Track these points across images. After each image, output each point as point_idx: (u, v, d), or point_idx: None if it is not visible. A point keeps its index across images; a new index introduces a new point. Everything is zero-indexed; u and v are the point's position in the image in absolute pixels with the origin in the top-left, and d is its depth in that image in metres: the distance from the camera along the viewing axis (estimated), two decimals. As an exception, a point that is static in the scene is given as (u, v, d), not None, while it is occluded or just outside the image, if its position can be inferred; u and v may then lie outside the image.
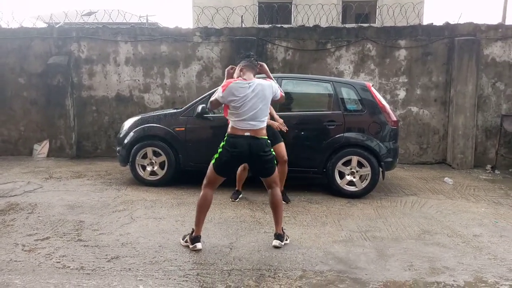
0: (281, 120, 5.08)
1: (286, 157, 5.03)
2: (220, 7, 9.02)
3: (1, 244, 3.74)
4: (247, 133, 3.56)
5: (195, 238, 3.67)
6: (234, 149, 3.55)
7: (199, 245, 3.65)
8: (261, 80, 3.69)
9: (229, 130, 3.65)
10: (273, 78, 3.95)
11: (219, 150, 3.63)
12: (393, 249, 3.79)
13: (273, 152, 3.77)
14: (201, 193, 3.69)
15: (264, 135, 3.65)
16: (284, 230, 3.88)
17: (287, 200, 5.20)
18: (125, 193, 5.58)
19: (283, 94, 3.88)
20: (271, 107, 4.97)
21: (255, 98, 3.55)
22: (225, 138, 3.65)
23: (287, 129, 5.10)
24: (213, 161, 3.66)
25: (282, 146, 5.02)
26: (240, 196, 5.35)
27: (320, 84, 5.95)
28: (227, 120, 3.74)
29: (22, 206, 4.90)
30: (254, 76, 3.70)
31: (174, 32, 8.28)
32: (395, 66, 8.05)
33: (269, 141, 3.72)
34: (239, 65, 3.75)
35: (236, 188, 5.35)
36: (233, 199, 5.27)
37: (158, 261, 3.43)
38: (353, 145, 5.52)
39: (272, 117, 5.02)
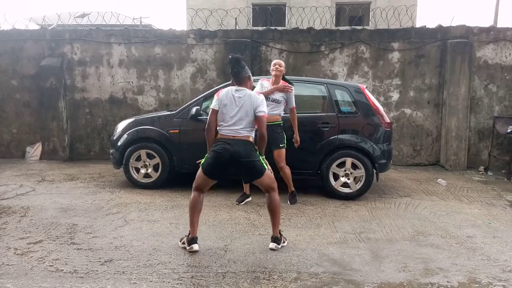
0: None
1: (281, 164, 5.01)
2: (214, 9, 9.05)
3: (-7, 248, 3.70)
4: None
5: (191, 240, 3.66)
6: (219, 148, 3.54)
7: (195, 247, 3.64)
8: (251, 92, 3.70)
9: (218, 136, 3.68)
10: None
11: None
12: (387, 250, 3.80)
13: (261, 158, 3.68)
14: (191, 195, 3.70)
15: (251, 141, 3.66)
16: (281, 233, 3.88)
17: (293, 201, 5.22)
18: (118, 195, 5.55)
19: (262, 116, 3.66)
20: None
21: (238, 107, 3.61)
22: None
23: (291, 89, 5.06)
24: (202, 161, 3.67)
25: (279, 152, 5.00)
26: (248, 199, 5.24)
27: (314, 86, 5.97)
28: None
29: (15, 209, 4.86)
30: (249, 87, 3.76)
31: (168, 34, 8.26)
32: (388, 68, 8.09)
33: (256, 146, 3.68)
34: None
35: (244, 191, 5.27)
36: (238, 202, 5.18)
37: (152, 264, 3.41)
38: (347, 147, 5.53)
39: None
